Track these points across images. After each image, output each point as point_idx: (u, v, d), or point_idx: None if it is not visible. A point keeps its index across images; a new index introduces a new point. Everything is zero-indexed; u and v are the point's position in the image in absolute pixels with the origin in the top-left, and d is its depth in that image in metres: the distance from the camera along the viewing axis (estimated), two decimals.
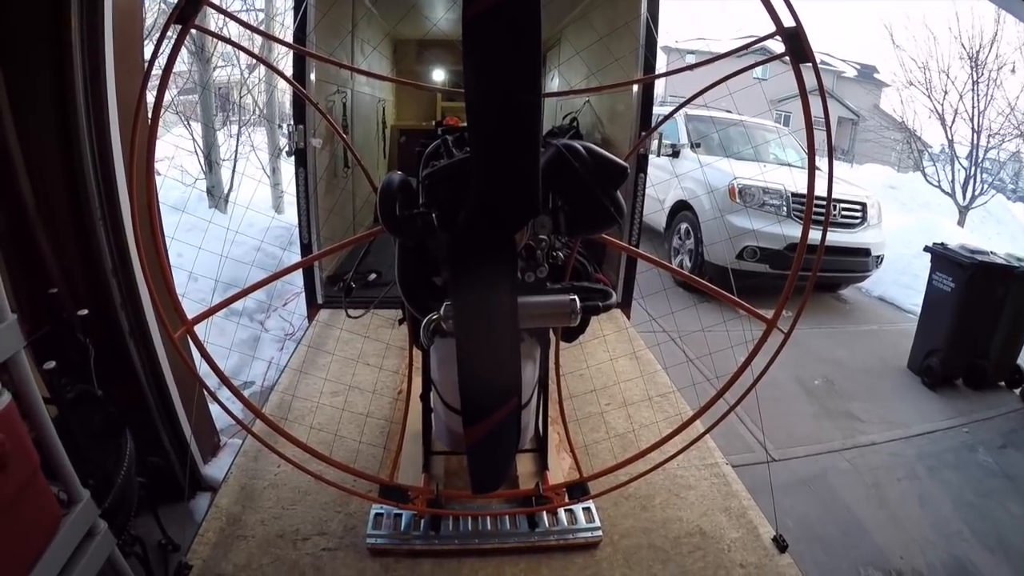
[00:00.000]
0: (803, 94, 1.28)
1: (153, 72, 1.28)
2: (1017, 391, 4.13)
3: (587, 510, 1.66)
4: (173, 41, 1.28)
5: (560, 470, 1.82)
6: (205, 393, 2.39)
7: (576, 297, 1.16)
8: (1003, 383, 4.20)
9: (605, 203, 1.13)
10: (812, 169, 1.33)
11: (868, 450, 3.23)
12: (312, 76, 3.05)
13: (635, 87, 3.33)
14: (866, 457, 3.16)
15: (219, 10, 1.48)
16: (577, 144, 1.12)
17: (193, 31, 1.34)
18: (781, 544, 1.64)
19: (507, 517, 1.62)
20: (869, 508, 2.74)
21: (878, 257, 5.75)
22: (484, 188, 1.00)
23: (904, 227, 7.62)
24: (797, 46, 1.21)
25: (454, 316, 1.06)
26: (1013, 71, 10.23)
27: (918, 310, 4.44)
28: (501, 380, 1.08)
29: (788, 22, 1.21)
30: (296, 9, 2.82)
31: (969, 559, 2.49)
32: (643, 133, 3.19)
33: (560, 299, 1.16)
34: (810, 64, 1.23)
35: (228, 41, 1.79)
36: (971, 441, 3.45)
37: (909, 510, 2.76)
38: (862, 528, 2.59)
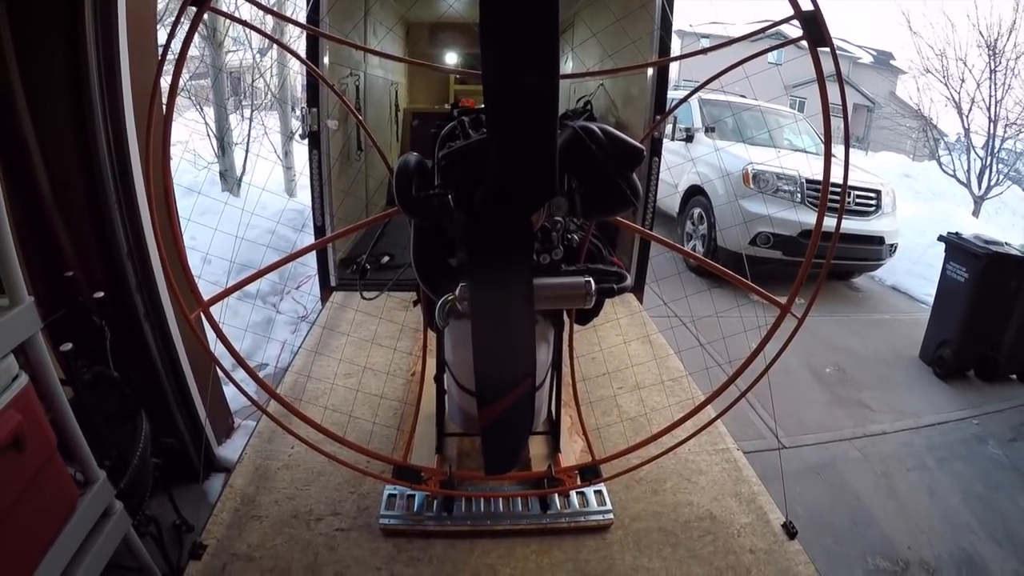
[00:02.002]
0: (820, 79, 1.27)
1: (168, 56, 1.29)
2: None
3: (598, 493, 1.67)
4: (188, 24, 1.29)
5: (572, 453, 1.84)
6: (220, 374, 2.41)
7: (591, 279, 1.17)
8: (1015, 376, 4.16)
9: (621, 185, 1.13)
10: (828, 155, 1.32)
11: (878, 439, 3.22)
12: (326, 59, 3.05)
13: (649, 71, 3.31)
14: (876, 446, 3.15)
15: None
16: (594, 126, 1.12)
17: (206, 13, 1.34)
18: (791, 530, 1.64)
19: (519, 499, 1.64)
20: (878, 497, 2.73)
21: (892, 245, 5.68)
22: (501, 169, 1.00)
23: (919, 216, 7.54)
24: (815, 30, 1.20)
25: (470, 297, 1.07)
26: None
27: (931, 300, 4.40)
28: (515, 361, 1.09)
29: (806, 6, 1.20)
30: None
31: (976, 551, 2.48)
32: (657, 117, 3.17)
33: (575, 281, 1.16)
34: (827, 49, 1.22)
35: (243, 22, 1.79)
36: (981, 433, 3.43)
37: (918, 501, 2.75)
38: (871, 517, 2.59)
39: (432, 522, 1.58)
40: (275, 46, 6.34)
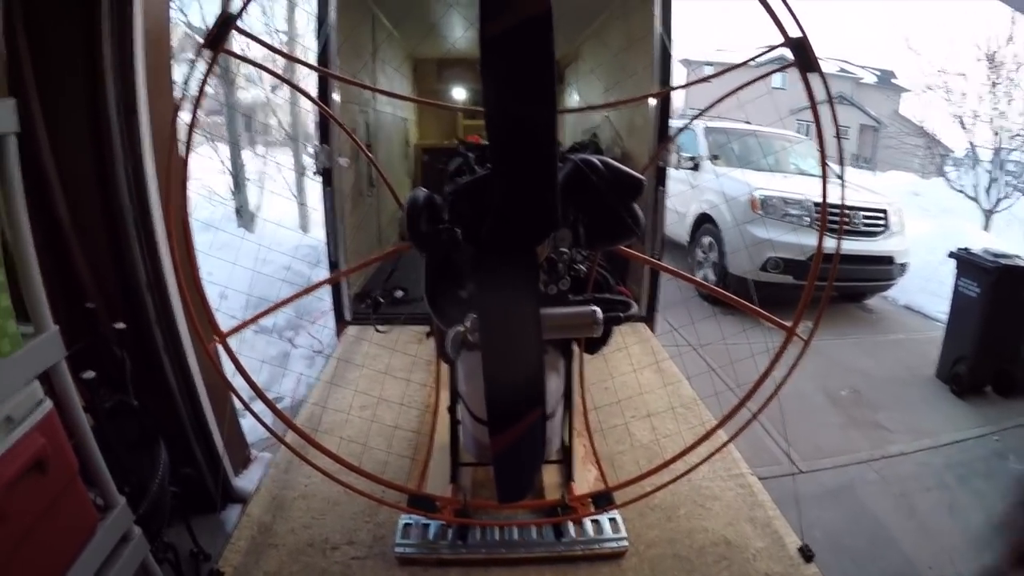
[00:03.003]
0: (812, 102, 1.30)
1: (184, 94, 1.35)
2: None
3: (612, 520, 1.68)
4: (207, 65, 1.34)
5: (586, 481, 1.84)
6: (237, 405, 2.44)
7: (598, 308, 1.19)
8: None
9: (623, 215, 1.16)
10: (825, 177, 1.34)
11: (896, 460, 3.18)
12: (336, 96, 3.12)
13: (652, 101, 3.36)
14: (894, 467, 3.11)
15: (248, 35, 1.54)
16: (594, 158, 1.16)
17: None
18: (807, 554, 1.64)
19: (533, 527, 1.65)
20: (897, 518, 2.69)
21: (902, 265, 5.66)
22: (504, 203, 1.04)
23: (928, 233, 7.49)
24: (803, 56, 1.24)
25: (479, 328, 1.10)
26: None
27: (945, 317, 4.36)
28: (526, 390, 1.11)
29: (794, 32, 1.24)
30: (319, 31, 2.89)
31: (1000, 569, 2.43)
32: (665, 146, 3.21)
33: (582, 310, 1.19)
34: (816, 73, 1.26)
35: (256, 64, 1.86)
36: (1002, 449, 3.38)
37: (939, 520, 2.71)
38: (890, 539, 2.55)
39: (447, 551, 1.59)
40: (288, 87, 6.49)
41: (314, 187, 3.11)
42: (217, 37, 1.28)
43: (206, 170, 5.78)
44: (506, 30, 0.90)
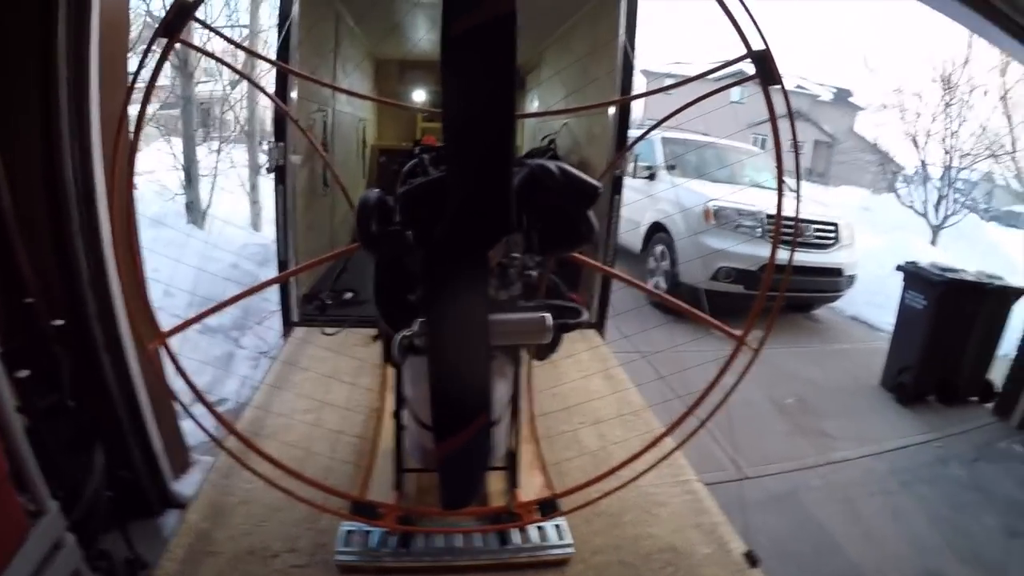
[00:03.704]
0: (772, 115, 1.32)
1: (137, 85, 1.29)
2: (988, 405, 4.19)
3: (558, 527, 1.66)
4: (159, 54, 1.29)
5: (532, 487, 1.83)
6: (178, 408, 2.37)
7: (548, 315, 1.18)
8: (975, 398, 4.26)
9: (577, 222, 1.16)
10: (780, 190, 1.36)
11: (841, 466, 3.26)
12: (294, 94, 3.06)
13: (611, 109, 3.39)
14: (839, 473, 3.19)
15: (205, 25, 1.50)
16: (551, 164, 1.15)
17: (177, 45, 1.35)
18: (752, 559, 1.65)
19: (478, 534, 1.62)
20: (842, 524, 2.75)
21: (850, 277, 5.84)
22: (458, 206, 1.02)
23: (878, 247, 7.75)
24: (766, 68, 1.25)
25: (427, 332, 1.08)
26: (985, 94, 10.52)
27: (890, 328, 4.51)
28: (473, 396, 1.09)
29: (758, 45, 1.25)
30: (280, 27, 2.83)
31: (944, 572, 2.51)
32: (623, 154, 3.24)
33: (532, 317, 1.18)
34: (779, 87, 1.27)
35: (213, 56, 1.81)
36: (944, 455, 3.49)
37: (883, 525, 2.78)
38: (835, 544, 2.60)
39: (390, 558, 1.56)
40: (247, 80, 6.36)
41: (268, 185, 3.05)
42: (172, 26, 1.23)
43: (159, 164, 5.61)
44: (469, 29, 0.89)
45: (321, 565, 1.56)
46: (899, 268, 4.35)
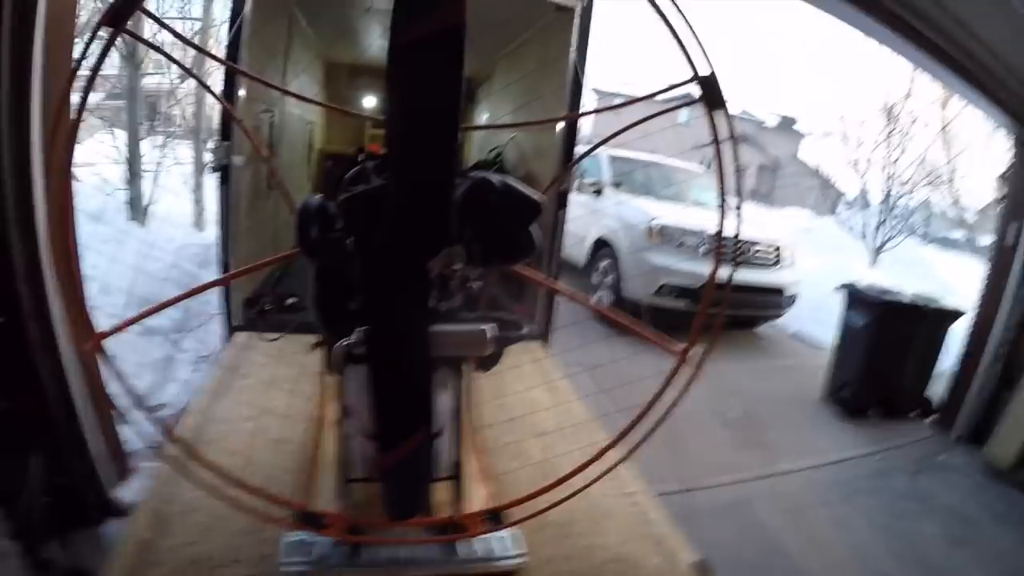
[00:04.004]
0: (715, 138, 1.35)
1: (80, 73, 1.25)
2: (927, 420, 4.35)
3: (507, 538, 1.66)
4: (103, 43, 1.25)
5: (478, 498, 1.82)
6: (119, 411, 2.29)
7: (488, 327, 1.19)
8: (913, 414, 4.42)
9: (519, 236, 1.17)
10: (723, 210, 1.40)
11: (785, 478, 3.34)
12: (242, 92, 2.99)
13: (559, 125, 3.43)
14: (783, 484, 3.26)
15: (152, 17, 1.46)
16: (493, 178, 1.16)
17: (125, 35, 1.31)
18: (702, 568, 1.68)
19: (425, 545, 1.61)
20: (788, 533, 2.82)
21: (792, 296, 6.03)
22: (398, 215, 1.02)
23: (819, 268, 8.01)
24: (711, 93, 1.28)
25: (366, 341, 1.07)
26: (926, 125, 11.04)
27: (831, 345, 4.65)
28: (414, 407, 1.09)
29: (705, 70, 1.28)
30: (231, 23, 2.77)
31: None
32: (568, 170, 3.27)
33: (473, 329, 1.19)
34: (723, 111, 1.31)
35: (158, 50, 1.76)
36: (884, 467, 3.61)
37: (827, 534, 2.86)
38: (782, 552, 2.67)
39: (336, 569, 1.53)
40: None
41: (213, 184, 2.97)
42: (118, 14, 1.19)
43: (101, 156, 5.41)
44: (417, 39, 0.89)
45: None
46: (840, 288, 4.50)
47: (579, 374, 2.93)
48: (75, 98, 1.30)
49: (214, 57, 2.42)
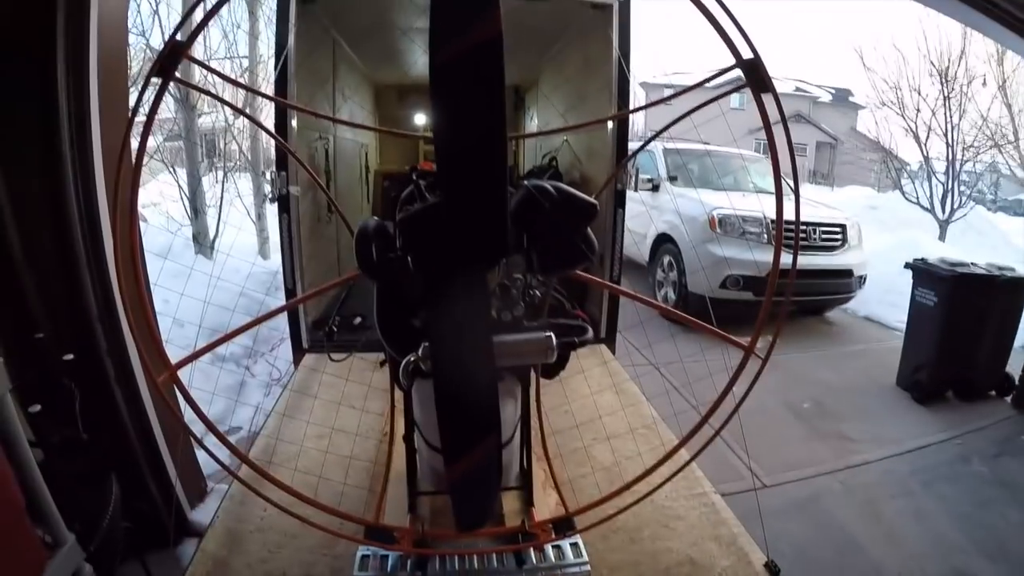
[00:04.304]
0: (766, 123, 1.31)
1: (137, 120, 1.31)
2: (1008, 399, 4.15)
3: (574, 545, 1.65)
4: (156, 91, 1.31)
5: (546, 506, 1.82)
6: (190, 439, 2.38)
7: (552, 334, 1.18)
8: (993, 392, 4.22)
9: (576, 241, 1.16)
10: (780, 194, 1.36)
11: (861, 470, 3.22)
12: (294, 123, 3.09)
13: (610, 124, 3.40)
14: (859, 476, 3.15)
15: (198, 63, 1.52)
16: (546, 184, 1.15)
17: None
18: (773, 570, 1.63)
19: (494, 555, 1.61)
20: (864, 527, 2.72)
21: (861, 277, 5.82)
22: (454, 230, 1.02)
23: (886, 246, 7.71)
24: (756, 77, 1.25)
25: (431, 356, 1.08)
26: (984, 84, 10.48)
27: (904, 327, 4.47)
28: (480, 418, 1.09)
29: (747, 53, 1.25)
30: (277, 58, 2.87)
31: (969, 570, 2.47)
32: (619, 168, 3.24)
33: (536, 336, 1.18)
34: (771, 93, 1.27)
35: (208, 93, 1.83)
36: (965, 452, 3.45)
37: (905, 526, 2.74)
38: (858, 547, 2.57)
39: None
40: (248, 109, 6.40)
41: (274, 213, 3.10)
42: (166, 64, 1.25)
43: (165, 196, 5.67)
44: (457, 56, 0.89)
45: None
46: (908, 266, 4.31)
47: (646, 375, 2.90)
48: (134, 143, 1.37)
49: (260, 94, 2.52)
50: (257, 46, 6.51)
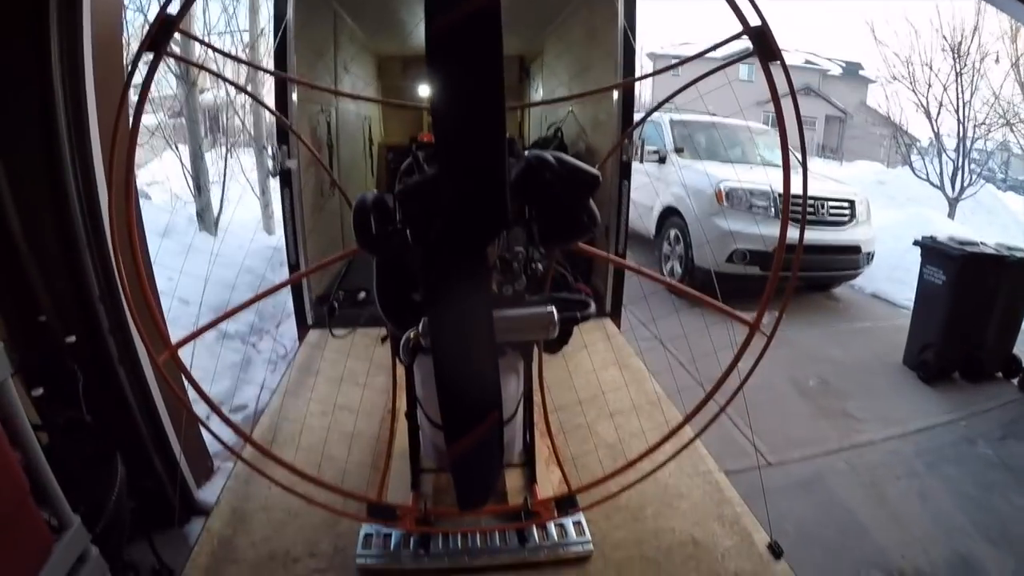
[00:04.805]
0: (773, 92, 1.28)
1: (133, 98, 1.29)
2: (1015, 381, 4.12)
3: (577, 523, 1.65)
4: (148, 67, 1.29)
5: (549, 484, 1.82)
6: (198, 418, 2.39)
7: (554, 309, 1.16)
8: (1000, 373, 4.19)
9: (578, 213, 1.14)
10: (787, 167, 1.33)
11: (866, 449, 3.21)
12: (294, 96, 3.05)
13: (615, 94, 3.34)
14: (864, 456, 3.14)
15: (191, 37, 1.49)
16: (548, 154, 1.13)
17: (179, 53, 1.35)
18: (776, 551, 1.62)
19: (496, 533, 1.61)
20: (868, 508, 2.71)
21: (869, 254, 5.76)
22: (452, 203, 1.00)
23: (895, 222, 7.63)
24: (764, 45, 1.21)
25: (430, 332, 1.06)
26: (997, 61, 10.31)
27: (911, 305, 4.43)
28: (481, 395, 1.08)
29: (755, 21, 1.22)
30: (276, 30, 2.82)
31: (972, 554, 2.46)
32: (624, 138, 3.19)
33: (538, 311, 1.17)
34: (779, 62, 1.23)
35: (202, 67, 1.81)
36: (970, 434, 3.43)
37: (909, 508, 2.74)
38: (862, 528, 2.57)
39: (409, 560, 1.55)
40: (250, 83, 6.33)
41: (278, 188, 3.08)
42: (156, 40, 1.22)
43: (170, 174, 5.66)
44: (453, 25, 0.87)
45: (341, 568, 1.55)
46: (916, 243, 4.27)
47: (652, 350, 2.87)
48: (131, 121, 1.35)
49: (258, 67, 2.48)
50: (257, 19, 6.44)
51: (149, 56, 1.23)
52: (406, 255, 1.15)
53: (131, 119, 1.29)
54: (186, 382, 1.50)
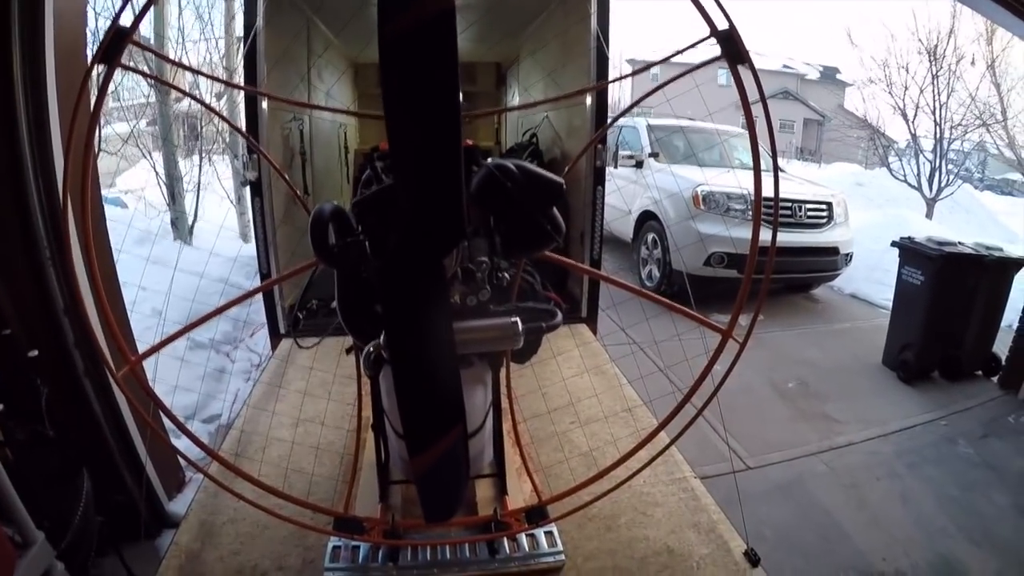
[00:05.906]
0: (742, 95, 1.27)
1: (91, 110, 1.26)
2: (994, 379, 4.14)
3: (549, 534, 1.62)
4: (102, 78, 1.26)
5: (521, 494, 1.79)
6: (167, 428, 2.35)
7: (518, 319, 1.15)
8: (980, 372, 4.22)
9: (540, 222, 1.12)
10: (757, 169, 1.32)
11: (845, 451, 3.21)
12: (264, 105, 3.01)
13: (588, 99, 3.34)
14: (844, 458, 3.14)
15: (144, 48, 1.46)
16: (509, 163, 1.11)
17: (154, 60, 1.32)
18: (753, 558, 1.61)
19: (466, 545, 1.58)
20: (848, 510, 2.71)
21: (847, 255, 5.80)
22: (408, 214, 0.98)
23: (873, 223, 7.69)
24: (732, 48, 1.21)
25: (389, 344, 1.04)
26: (972, 63, 10.46)
27: (890, 305, 4.45)
28: (443, 407, 1.06)
29: (722, 25, 1.21)
30: (245, 37, 2.78)
31: (955, 555, 2.46)
32: (597, 144, 3.18)
33: (501, 322, 1.15)
34: (746, 65, 1.23)
35: (156, 79, 1.77)
36: (951, 433, 3.44)
37: (890, 510, 2.73)
38: (842, 532, 2.56)
39: (378, 573, 1.52)
40: (228, 89, 6.25)
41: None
42: (109, 51, 1.20)
43: (145, 182, 5.59)
44: (406, 31, 0.85)
45: None
46: (895, 244, 4.30)
47: (627, 356, 2.86)
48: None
49: (221, 80, 2.44)
50: (232, 27, 6.36)
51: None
52: (364, 266, 1.13)
53: (86, 131, 1.26)
54: (164, 389, 1.47)
